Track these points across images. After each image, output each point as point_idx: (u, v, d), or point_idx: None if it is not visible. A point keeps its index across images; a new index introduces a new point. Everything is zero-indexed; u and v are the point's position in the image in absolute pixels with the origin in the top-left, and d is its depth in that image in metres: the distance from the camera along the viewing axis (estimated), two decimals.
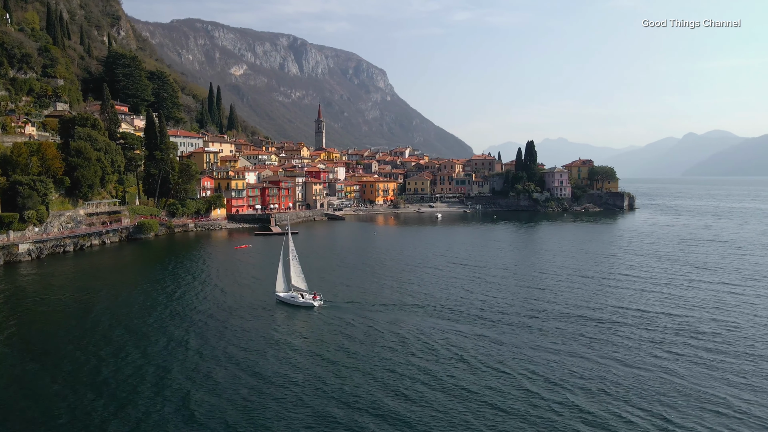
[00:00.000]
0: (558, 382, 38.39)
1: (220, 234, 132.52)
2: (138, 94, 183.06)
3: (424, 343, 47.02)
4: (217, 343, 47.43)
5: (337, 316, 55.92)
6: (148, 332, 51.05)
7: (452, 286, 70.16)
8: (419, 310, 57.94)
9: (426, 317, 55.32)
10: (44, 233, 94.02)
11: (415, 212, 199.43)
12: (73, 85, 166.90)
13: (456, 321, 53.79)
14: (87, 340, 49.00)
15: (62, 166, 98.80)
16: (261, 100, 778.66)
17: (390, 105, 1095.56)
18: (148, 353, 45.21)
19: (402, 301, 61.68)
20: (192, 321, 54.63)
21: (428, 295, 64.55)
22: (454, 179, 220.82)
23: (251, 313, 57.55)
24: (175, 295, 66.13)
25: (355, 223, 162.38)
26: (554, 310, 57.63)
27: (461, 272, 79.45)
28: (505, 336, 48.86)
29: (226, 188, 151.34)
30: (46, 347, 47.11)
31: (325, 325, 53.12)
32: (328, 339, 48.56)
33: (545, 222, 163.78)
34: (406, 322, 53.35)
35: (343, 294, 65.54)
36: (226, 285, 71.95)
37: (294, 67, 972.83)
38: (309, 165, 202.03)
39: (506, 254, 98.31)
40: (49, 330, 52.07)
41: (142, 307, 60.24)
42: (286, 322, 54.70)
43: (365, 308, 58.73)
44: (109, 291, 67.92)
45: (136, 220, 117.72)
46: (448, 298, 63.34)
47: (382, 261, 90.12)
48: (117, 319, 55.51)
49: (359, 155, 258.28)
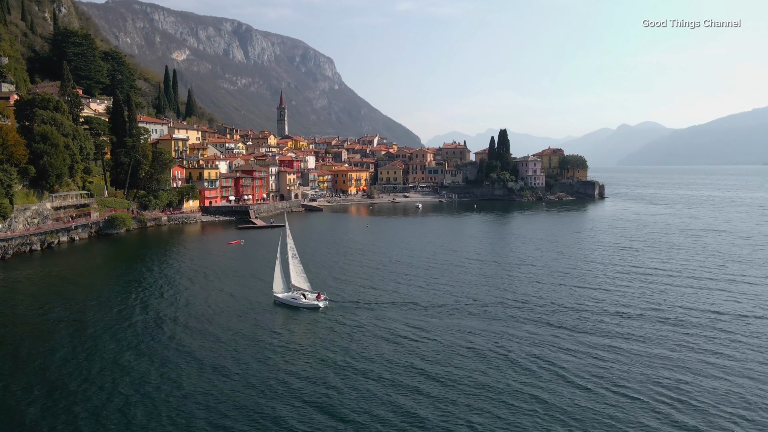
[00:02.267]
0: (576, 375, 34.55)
1: (197, 228, 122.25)
2: (92, 75, 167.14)
3: (457, 347, 42.44)
4: (211, 353, 41.88)
5: (346, 317, 50.68)
6: (130, 345, 43.89)
7: (474, 283, 65.21)
8: (438, 310, 53.19)
9: (448, 317, 50.65)
10: (8, 230, 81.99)
11: (390, 202, 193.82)
12: (19, 64, 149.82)
13: (490, 321, 49.36)
14: (62, 352, 42.38)
15: (26, 154, 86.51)
16: (206, 87, 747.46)
17: (338, 94, 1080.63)
18: (131, 372, 38.43)
19: (415, 300, 56.68)
20: (184, 328, 48.15)
21: (446, 294, 59.42)
22: (427, 168, 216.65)
23: (248, 316, 51.49)
24: (162, 300, 58.11)
25: (335, 215, 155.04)
26: (596, 308, 53.85)
27: (482, 269, 74.69)
28: (542, 340, 44.33)
29: (198, 178, 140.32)
30: (18, 362, 39.91)
31: (335, 327, 47.86)
32: (340, 344, 43.42)
33: (527, 211, 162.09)
34: (425, 324, 48.66)
35: (348, 292, 59.99)
36: (221, 285, 64.63)
37: (239, 54, 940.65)
38: (279, 154, 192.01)
39: (518, 247, 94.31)
40: (23, 344, 43.66)
41: (122, 315, 52.15)
42: (288, 326, 49.08)
43: (374, 308, 53.75)
44: (84, 298, 58.57)
45: (106, 214, 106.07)
46: (474, 296, 58.38)
47: (383, 256, 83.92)
48: (96, 329, 47.85)
49: (327, 143, 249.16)
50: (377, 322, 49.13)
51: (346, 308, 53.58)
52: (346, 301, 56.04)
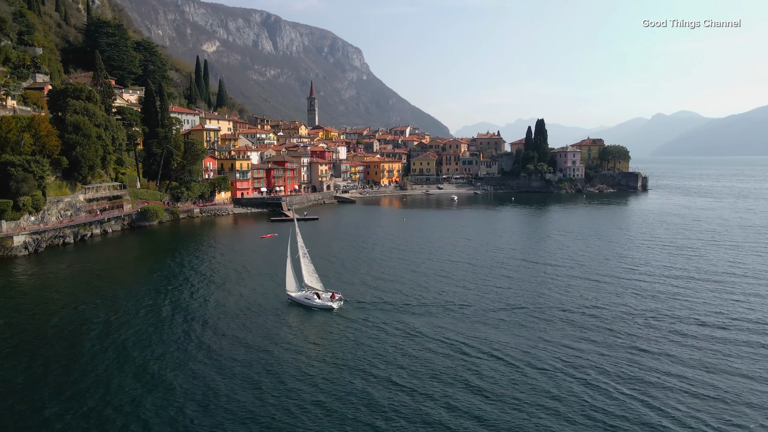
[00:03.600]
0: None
1: (229, 220, 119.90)
2: (125, 66, 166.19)
3: (488, 360, 37.67)
4: (216, 356, 39.31)
5: (360, 320, 46.90)
6: (154, 347, 41.42)
7: (514, 285, 60.29)
8: (468, 314, 48.67)
9: (478, 323, 46.08)
10: (41, 223, 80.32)
11: (423, 194, 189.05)
12: (53, 55, 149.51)
13: (535, 329, 44.29)
14: (89, 349, 41.00)
15: (58, 144, 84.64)
16: (235, 78, 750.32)
17: (366, 84, 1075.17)
18: (157, 375, 36.32)
19: (446, 304, 51.97)
20: (206, 328, 45.72)
21: (479, 296, 54.62)
22: (461, 159, 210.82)
23: (261, 317, 48.64)
24: (192, 299, 55.28)
25: (368, 207, 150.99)
26: (668, 319, 48.27)
27: (523, 269, 69.52)
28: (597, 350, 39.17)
29: (230, 169, 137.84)
30: (47, 356, 37.86)
31: (346, 333, 44.00)
32: (345, 357, 39.34)
33: (566, 204, 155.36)
34: (448, 329, 44.51)
35: (369, 293, 55.98)
36: (249, 282, 61.47)
37: (268, 45, 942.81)
38: (310, 144, 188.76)
39: (562, 244, 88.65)
40: (51, 339, 41.50)
41: (150, 313, 49.78)
42: (297, 329, 45.66)
43: (395, 311, 49.72)
44: (112, 295, 56.18)
45: (138, 206, 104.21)
46: (513, 300, 53.50)
47: (416, 253, 79.16)
48: (123, 328, 45.76)
49: (358, 134, 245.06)
50: (395, 327, 45.10)
51: (363, 310, 49.76)
52: (365, 303, 52.18)
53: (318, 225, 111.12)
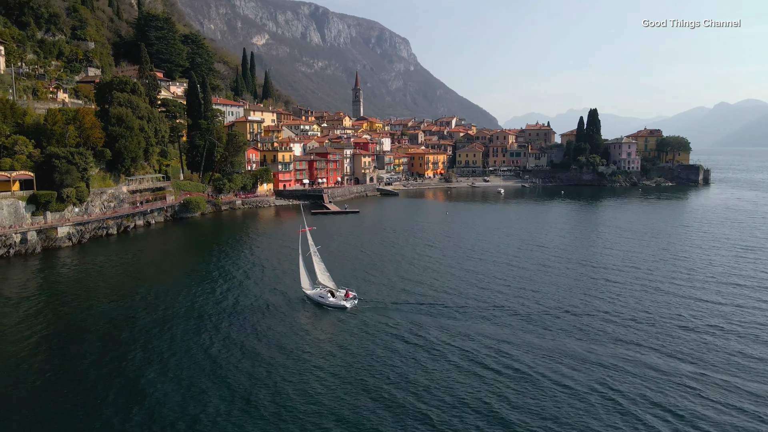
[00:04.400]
0: None
1: (271, 212, 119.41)
2: (172, 58, 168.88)
3: (528, 377, 33.56)
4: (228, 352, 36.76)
5: (372, 322, 44.47)
6: (187, 344, 40.46)
7: (561, 289, 55.77)
8: (490, 319, 45.13)
9: (509, 331, 42.31)
10: (85, 214, 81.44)
11: (468, 187, 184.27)
12: (105, 49, 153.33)
13: (584, 342, 39.85)
14: (116, 343, 40.44)
15: (102, 137, 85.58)
16: (284, 70, 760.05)
17: (413, 75, 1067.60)
18: (184, 364, 35.84)
19: (473, 307, 48.36)
20: (216, 320, 45.93)
21: (516, 300, 50.56)
22: (508, 151, 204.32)
23: (276, 313, 47.62)
24: (217, 293, 54.11)
25: (412, 200, 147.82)
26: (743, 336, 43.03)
27: (573, 271, 64.80)
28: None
29: (272, 161, 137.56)
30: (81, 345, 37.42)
31: (353, 337, 41.76)
32: (343, 354, 38.16)
33: (621, 198, 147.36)
34: (468, 335, 41.26)
35: (392, 293, 53.05)
36: (278, 278, 59.63)
37: (316, 37, 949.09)
38: (354, 136, 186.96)
39: (615, 243, 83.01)
40: (83, 330, 40.84)
41: (187, 307, 49.06)
42: (307, 327, 44.31)
43: (414, 312, 47.04)
44: (152, 284, 56.99)
45: (181, 197, 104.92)
46: (559, 306, 49.12)
47: (456, 249, 75.50)
48: (159, 322, 45.51)
49: (403, 125, 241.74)
50: (409, 331, 42.26)
51: (377, 311, 47.18)
52: (382, 303, 49.56)
53: (357, 218, 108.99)
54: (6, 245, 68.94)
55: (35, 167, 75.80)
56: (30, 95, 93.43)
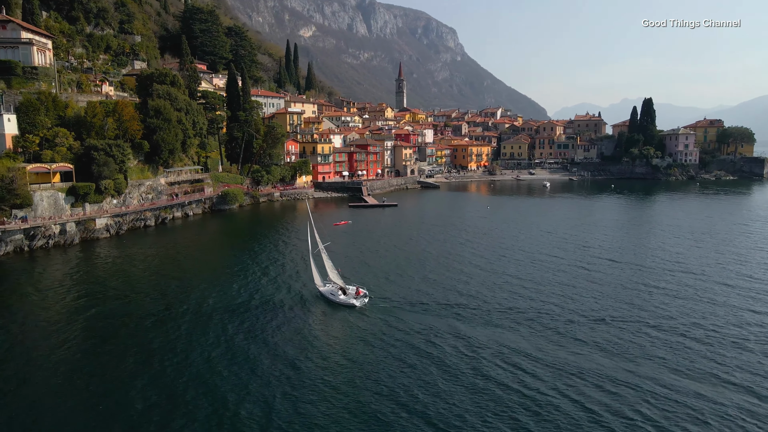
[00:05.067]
0: None
1: (310, 205, 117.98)
2: (216, 51, 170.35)
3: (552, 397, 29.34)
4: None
5: (382, 323, 42.65)
6: (216, 338, 39.04)
7: (602, 294, 51.35)
8: (518, 327, 41.77)
9: (533, 340, 38.71)
10: (123, 206, 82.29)
11: (513, 179, 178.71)
12: (151, 42, 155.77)
13: (625, 357, 35.72)
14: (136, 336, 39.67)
15: (140, 129, 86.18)
16: (330, 62, 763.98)
17: (460, 65, 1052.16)
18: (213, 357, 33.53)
19: (495, 310, 45.33)
20: (230, 316, 45.58)
21: (546, 304, 46.75)
22: (556, 143, 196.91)
23: (288, 309, 46.77)
24: (248, 287, 53.23)
25: (453, 193, 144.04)
26: None
27: (618, 273, 60.05)
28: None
29: (312, 153, 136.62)
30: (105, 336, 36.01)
31: (356, 334, 40.61)
32: (343, 357, 36.56)
33: (676, 193, 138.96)
34: (483, 344, 38.23)
35: (408, 292, 50.68)
36: (299, 274, 58.20)
37: (362, 28, 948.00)
38: (395, 127, 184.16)
39: (669, 243, 77.27)
40: (106, 320, 40.42)
41: (218, 301, 48.33)
42: (313, 326, 42.78)
43: (425, 312, 44.72)
44: (186, 276, 57.23)
45: (219, 189, 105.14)
46: (597, 313, 44.86)
47: (492, 247, 71.73)
48: (187, 314, 45.50)
49: (446, 116, 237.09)
50: (418, 333, 40.05)
51: (389, 312, 45.03)
52: (396, 302, 47.32)
53: (394, 212, 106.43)
54: (45, 236, 70.14)
55: (75, 159, 76.90)
56: (74, 88, 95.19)
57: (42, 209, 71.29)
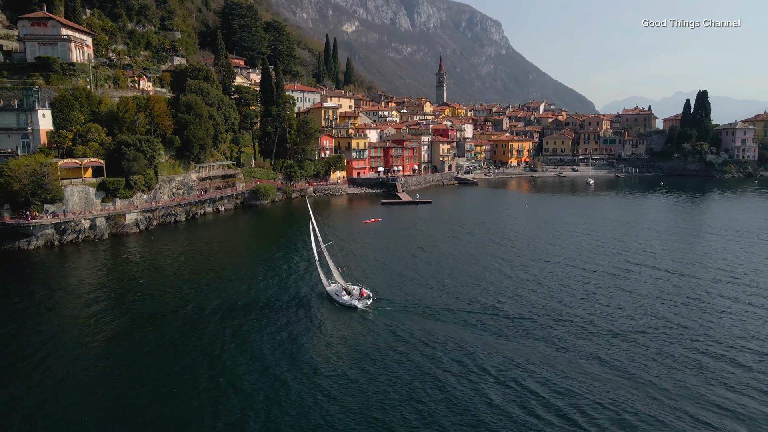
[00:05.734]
0: None
1: (341, 201, 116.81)
2: (254, 46, 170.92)
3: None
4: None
5: (381, 325, 40.76)
6: (234, 340, 37.81)
7: (637, 305, 46.79)
8: (537, 336, 38.55)
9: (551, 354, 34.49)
10: (153, 201, 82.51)
11: (555, 176, 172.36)
12: (191, 39, 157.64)
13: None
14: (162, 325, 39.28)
15: (171, 124, 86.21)
16: (372, 56, 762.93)
17: (505, 59, 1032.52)
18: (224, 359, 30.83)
19: (517, 321, 41.78)
20: (238, 314, 44.73)
21: (574, 316, 42.46)
22: (601, 138, 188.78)
23: (295, 309, 45.40)
24: (263, 286, 51.86)
25: (491, 190, 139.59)
26: None
27: (662, 282, 55.13)
28: None
29: (347, 148, 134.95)
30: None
31: (350, 339, 38.66)
32: (330, 364, 34.72)
33: (732, 192, 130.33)
34: (489, 358, 34.95)
35: (426, 296, 47.62)
36: (312, 273, 56.02)
37: (405, 22, 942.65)
38: (434, 122, 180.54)
39: (721, 249, 71.36)
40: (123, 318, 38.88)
41: (241, 299, 46.70)
42: (310, 327, 41.27)
43: (429, 317, 42.10)
44: (211, 273, 56.77)
45: (251, 185, 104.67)
46: (636, 324, 40.49)
47: (523, 249, 67.70)
48: (210, 311, 44.52)
49: (487, 111, 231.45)
50: (419, 345, 37.01)
51: (392, 316, 42.64)
52: (403, 307, 44.69)
53: (427, 209, 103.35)
54: (75, 231, 70.79)
55: (106, 154, 77.36)
56: (111, 84, 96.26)
57: (73, 204, 71.95)
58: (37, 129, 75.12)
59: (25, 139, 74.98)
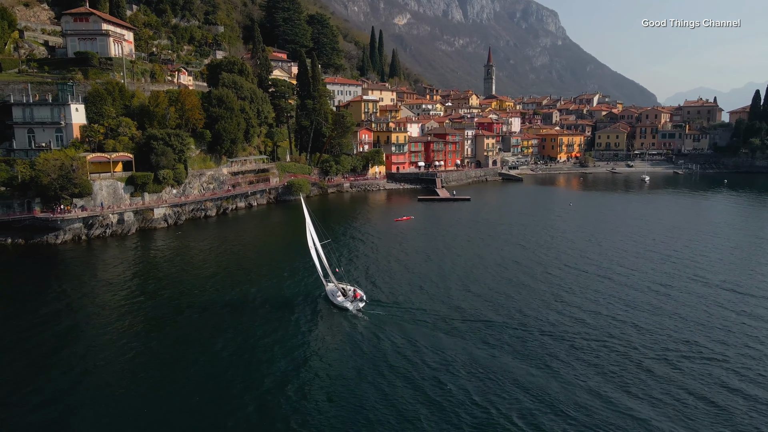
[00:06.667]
0: None
1: (378, 196, 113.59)
2: (297, 39, 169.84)
3: None
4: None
5: (367, 329, 38.81)
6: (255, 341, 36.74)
7: (679, 324, 40.92)
8: (548, 356, 33.94)
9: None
10: (183, 195, 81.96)
11: (607, 172, 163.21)
12: (234, 33, 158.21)
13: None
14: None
15: (202, 118, 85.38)
16: (424, 49, 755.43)
17: (561, 50, 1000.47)
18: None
19: (517, 335, 37.99)
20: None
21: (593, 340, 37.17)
22: (660, 131, 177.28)
23: (294, 309, 44.09)
24: (272, 283, 50.48)
25: (536, 187, 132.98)
26: None
27: (703, 296, 48.80)
28: None
29: (386, 142, 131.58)
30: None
31: (334, 344, 37.09)
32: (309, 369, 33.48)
33: None
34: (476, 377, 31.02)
35: (425, 301, 44.75)
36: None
37: (458, 14, 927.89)
38: (479, 116, 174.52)
39: None
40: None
41: (261, 298, 44.65)
42: (297, 329, 39.90)
43: (433, 329, 38.77)
44: (231, 270, 56.26)
45: (285, 179, 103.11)
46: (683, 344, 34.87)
47: (550, 253, 62.18)
48: (237, 310, 44.05)
49: (536, 103, 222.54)
50: (405, 355, 34.39)
51: (383, 320, 40.47)
52: (398, 313, 42.07)
53: (465, 207, 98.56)
54: (103, 225, 70.83)
55: (136, 149, 77.22)
56: (147, 78, 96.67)
57: (101, 198, 72.03)
58: (70, 123, 75.69)
59: (59, 133, 75.75)
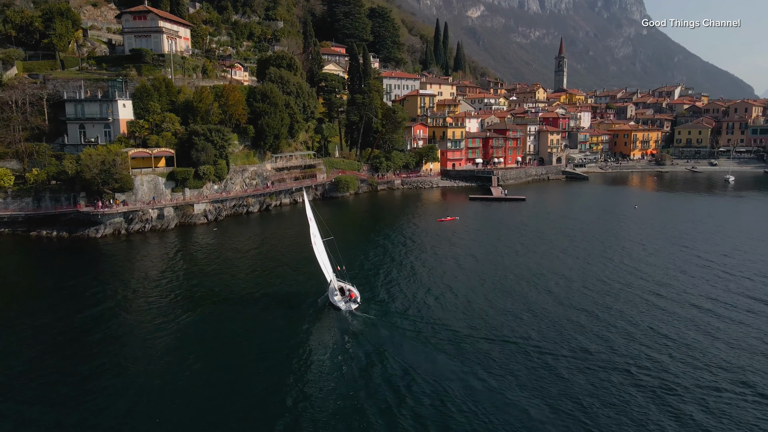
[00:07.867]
0: None
1: (431, 195, 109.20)
2: (357, 33, 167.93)
3: None
4: None
5: (353, 333, 37.64)
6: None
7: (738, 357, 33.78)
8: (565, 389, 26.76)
9: None
10: (224, 191, 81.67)
11: (687, 171, 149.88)
12: (293, 28, 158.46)
13: None
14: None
15: (245, 113, 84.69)
16: (497, 42, 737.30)
17: (645, 40, 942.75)
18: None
19: (531, 362, 32.46)
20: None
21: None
22: (750, 127, 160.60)
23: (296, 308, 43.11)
24: (285, 281, 46.84)
25: (603, 187, 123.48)
26: None
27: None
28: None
29: (441, 138, 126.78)
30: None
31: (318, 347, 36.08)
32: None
33: None
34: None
35: (427, 312, 41.52)
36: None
37: (534, 4, 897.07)
38: (545, 110, 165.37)
39: None
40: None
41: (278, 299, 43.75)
42: (291, 331, 38.93)
43: (416, 339, 36.13)
44: (263, 266, 55.93)
45: (332, 176, 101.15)
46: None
47: (604, 267, 54.73)
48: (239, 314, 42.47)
49: (610, 96, 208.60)
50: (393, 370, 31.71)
51: (372, 324, 38.59)
52: (389, 317, 40.23)
53: (517, 208, 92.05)
54: (143, 220, 71.50)
55: (179, 144, 77.55)
56: (199, 74, 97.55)
57: (142, 193, 72.78)
58: (117, 119, 77.10)
59: (107, 129, 77.39)
